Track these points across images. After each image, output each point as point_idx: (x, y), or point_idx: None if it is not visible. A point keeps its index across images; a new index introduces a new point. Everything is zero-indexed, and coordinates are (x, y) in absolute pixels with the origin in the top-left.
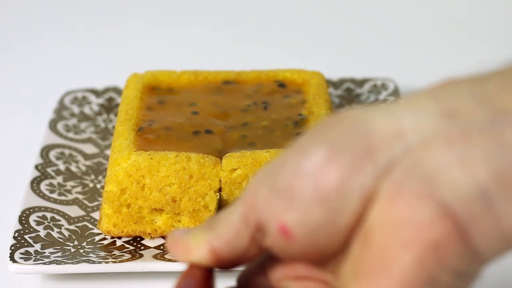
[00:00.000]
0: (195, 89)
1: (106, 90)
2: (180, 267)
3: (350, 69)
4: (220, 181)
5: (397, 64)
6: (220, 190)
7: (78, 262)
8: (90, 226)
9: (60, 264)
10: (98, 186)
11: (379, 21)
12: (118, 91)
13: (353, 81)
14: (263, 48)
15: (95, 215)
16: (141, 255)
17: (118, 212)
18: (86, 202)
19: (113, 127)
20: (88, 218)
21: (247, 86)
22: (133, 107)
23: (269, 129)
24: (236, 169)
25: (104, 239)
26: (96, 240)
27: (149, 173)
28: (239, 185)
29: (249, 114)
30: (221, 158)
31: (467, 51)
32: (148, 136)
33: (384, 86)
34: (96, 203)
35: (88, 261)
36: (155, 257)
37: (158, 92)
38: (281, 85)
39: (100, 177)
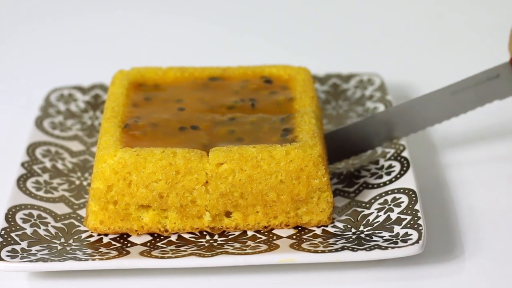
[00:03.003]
0: (181, 85)
1: (92, 87)
2: (165, 264)
3: (336, 64)
4: (207, 174)
5: (383, 59)
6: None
7: (64, 260)
8: (76, 223)
9: (46, 261)
10: (85, 183)
11: (363, 16)
12: (104, 88)
13: (339, 76)
14: (248, 43)
15: (82, 212)
16: (128, 252)
17: (105, 209)
18: (72, 199)
19: (99, 124)
20: (74, 215)
21: (234, 82)
22: (119, 104)
23: (257, 125)
24: (222, 163)
25: (91, 236)
26: (82, 237)
27: (136, 170)
28: (225, 179)
29: (236, 111)
30: (207, 153)
31: (451, 46)
32: (134, 133)
33: (370, 81)
34: (82, 200)
35: (75, 259)
36: (142, 254)
37: (144, 89)
38: (268, 81)
39: (86, 175)
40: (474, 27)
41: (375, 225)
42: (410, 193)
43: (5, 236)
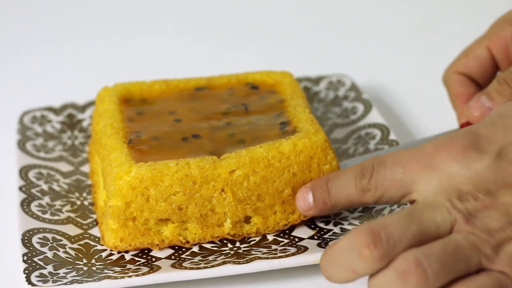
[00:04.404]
0: (169, 97)
1: (64, 107)
2: (203, 274)
3: (300, 68)
4: (221, 177)
5: (345, 61)
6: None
7: (100, 280)
8: (92, 243)
9: (82, 283)
10: (86, 203)
11: (322, 18)
12: (76, 107)
13: (308, 79)
14: (208, 51)
15: (93, 232)
16: (159, 267)
17: (125, 226)
18: (79, 220)
19: (80, 143)
20: (87, 235)
21: (220, 91)
22: (116, 120)
23: (254, 124)
24: (235, 170)
25: (111, 254)
26: (103, 256)
27: (153, 184)
28: (240, 185)
29: (231, 116)
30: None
31: (415, 46)
32: (141, 148)
33: (340, 82)
34: (89, 220)
35: (110, 278)
36: (174, 266)
37: (133, 104)
38: (254, 87)
39: (84, 194)
40: (443, 28)
41: None
42: None
43: (29, 261)
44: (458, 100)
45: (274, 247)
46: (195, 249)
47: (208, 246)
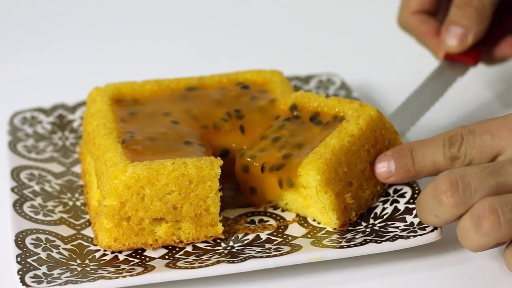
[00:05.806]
0: (161, 98)
1: (54, 108)
2: (198, 273)
3: (290, 67)
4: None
5: (332, 60)
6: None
7: (94, 280)
8: (85, 244)
9: (76, 283)
10: (78, 203)
11: (312, 17)
12: (66, 107)
13: (298, 78)
14: (198, 51)
15: (86, 232)
16: (153, 267)
17: (119, 226)
18: (72, 220)
19: (71, 144)
20: (80, 236)
21: (212, 91)
22: (109, 120)
23: (276, 139)
24: (325, 168)
25: (105, 255)
26: (97, 257)
27: (149, 183)
28: (334, 181)
29: (230, 137)
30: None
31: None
32: (136, 148)
33: (330, 81)
34: (82, 220)
35: (104, 278)
36: (168, 266)
37: (124, 104)
38: (245, 87)
39: (76, 195)
40: None
41: (385, 217)
42: (411, 183)
43: (23, 262)
44: (428, 37)
45: (267, 245)
46: (189, 248)
47: (202, 245)
